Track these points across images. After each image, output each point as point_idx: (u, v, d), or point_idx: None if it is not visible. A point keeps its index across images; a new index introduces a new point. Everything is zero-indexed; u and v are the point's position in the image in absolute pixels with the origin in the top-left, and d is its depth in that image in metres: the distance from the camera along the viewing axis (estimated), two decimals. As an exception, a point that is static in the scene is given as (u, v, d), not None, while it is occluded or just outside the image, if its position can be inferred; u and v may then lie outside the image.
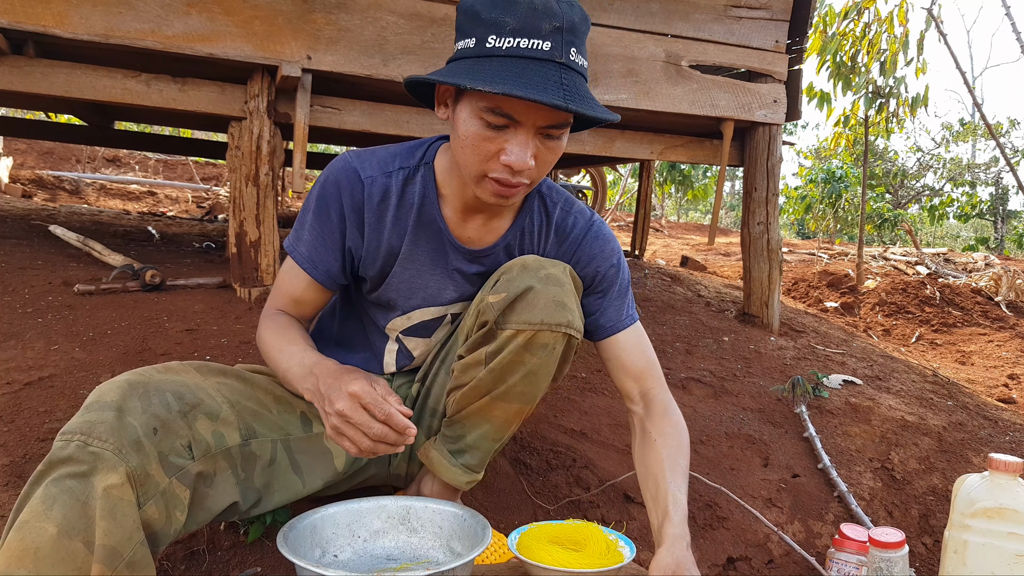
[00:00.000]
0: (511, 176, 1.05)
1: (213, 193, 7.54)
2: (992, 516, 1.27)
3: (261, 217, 2.27)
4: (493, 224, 1.23)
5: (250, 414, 1.12)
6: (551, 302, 1.09)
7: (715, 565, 1.63)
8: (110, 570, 0.86)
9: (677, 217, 14.53)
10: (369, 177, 1.17)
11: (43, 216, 3.91)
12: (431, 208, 1.20)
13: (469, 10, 1.03)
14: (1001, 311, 4.11)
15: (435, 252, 1.22)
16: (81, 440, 0.89)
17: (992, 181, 13.17)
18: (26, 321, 1.98)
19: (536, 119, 1.01)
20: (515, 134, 1.02)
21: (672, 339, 2.66)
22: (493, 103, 1.00)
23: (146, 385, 0.98)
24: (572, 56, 1.01)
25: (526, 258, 1.15)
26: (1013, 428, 2.36)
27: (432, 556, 1.20)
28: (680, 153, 2.84)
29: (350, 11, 2.24)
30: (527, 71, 0.97)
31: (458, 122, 1.05)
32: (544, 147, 1.05)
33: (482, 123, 1.02)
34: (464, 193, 1.17)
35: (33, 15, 1.98)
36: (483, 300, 1.15)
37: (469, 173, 1.08)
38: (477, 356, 1.14)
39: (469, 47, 1.02)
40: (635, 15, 2.57)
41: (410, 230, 1.20)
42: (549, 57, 0.99)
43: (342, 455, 1.24)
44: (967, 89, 4.40)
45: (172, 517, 0.95)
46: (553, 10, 0.99)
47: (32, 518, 0.85)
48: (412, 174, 1.20)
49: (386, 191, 1.18)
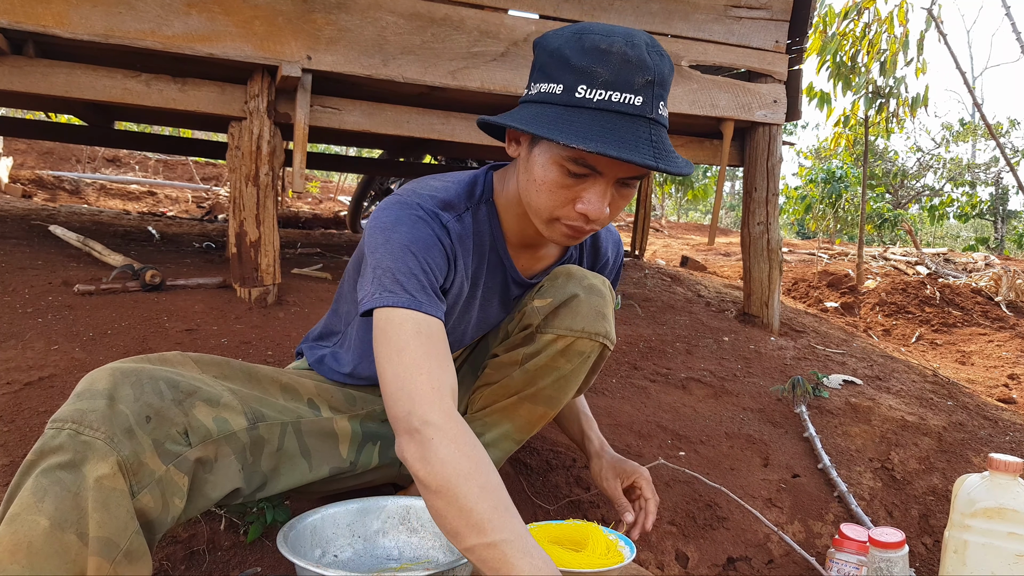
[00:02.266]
0: (585, 224, 1.03)
1: (213, 193, 7.54)
2: (992, 516, 1.27)
3: (261, 217, 2.27)
4: (541, 252, 1.26)
5: (255, 400, 1.10)
6: (593, 311, 1.13)
7: (715, 565, 1.63)
8: (108, 561, 0.86)
9: (677, 217, 14.53)
10: (448, 220, 1.13)
11: (43, 216, 3.91)
12: (499, 247, 1.20)
13: (556, 53, 0.99)
14: (1001, 311, 4.11)
15: (498, 285, 1.25)
16: (72, 429, 0.88)
17: (992, 181, 13.17)
18: (26, 321, 1.98)
19: (619, 172, 1.00)
20: (594, 184, 1.00)
21: (672, 339, 2.66)
22: (577, 154, 0.97)
23: (138, 373, 0.96)
24: (661, 110, 0.99)
25: (571, 267, 1.20)
26: (1013, 428, 2.35)
27: (432, 556, 1.20)
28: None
29: (350, 11, 2.24)
30: (618, 128, 0.95)
31: (534, 164, 1.02)
32: (619, 195, 1.04)
33: (562, 171, 1.00)
34: (524, 230, 1.17)
35: (33, 15, 1.98)
36: (528, 304, 1.19)
37: (540, 216, 1.06)
38: (514, 356, 1.17)
39: (555, 93, 0.98)
40: (635, 15, 2.57)
41: (483, 270, 1.20)
42: (640, 113, 0.96)
43: (347, 440, 1.24)
44: (967, 89, 4.40)
45: (170, 504, 0.94)
46: (646, 63, 0.96)
47: (23, 511, 0.84)
48: (476, 212, 1.17)
49: (462, 234, 1.15)
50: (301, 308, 2.35)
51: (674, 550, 1.62)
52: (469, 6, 2.36)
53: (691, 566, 1.61)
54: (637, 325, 2.77)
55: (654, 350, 2.53)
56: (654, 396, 2.18)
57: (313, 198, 9.11)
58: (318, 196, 9.40)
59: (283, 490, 1.14)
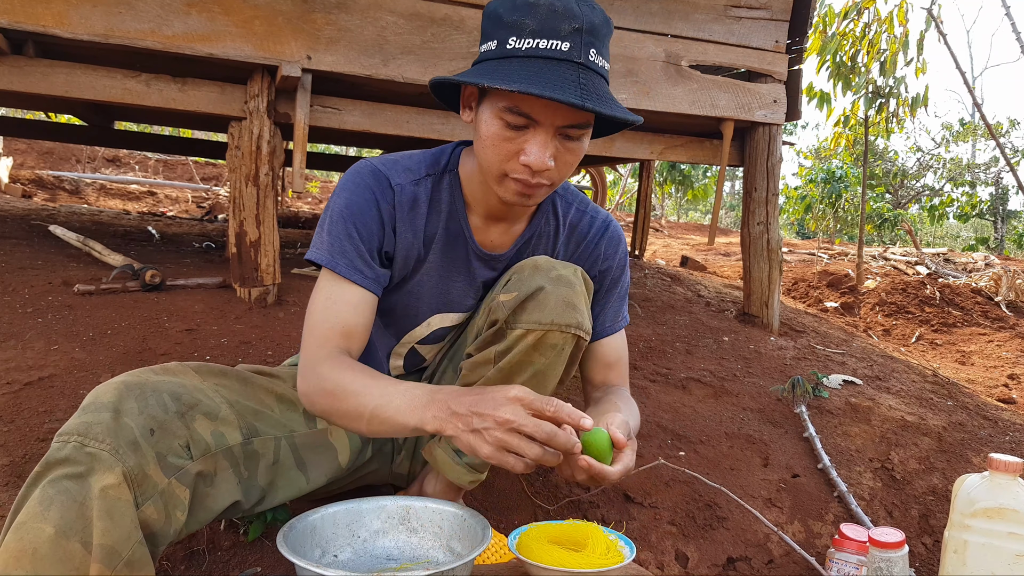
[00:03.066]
0: (531, 176, 1.06)
1: (213, 193, 7.54)
2: (992, 516, 1.27)
3: (261, 217, 2.27)
4: (512, 228, 1.25)
5: (251, 413, 1.12)
6: (561, 303, 1.09)
7: (715, 565, 1.63)
8: (109, 569, 0.86)
9: (677, 217, 14.54)
10: (399, 184, 1.17)
11: (43, 216, 3.91)
12: (458, 215, 1.21)
13: (492, 14, 1.05)
14: (1001, 311, 4.11)
15: (459, 259, 1.23)
16: (78, 441, 0.89)
17: (992, 181, 13.17)
18: (26, 321, 1.98)
19: (555, 119, 1.02)
20: (534, 134, 1.03)
21: (672, 339, 2.66)
22: (512, 102, 1.01)
23: (142, 386, 0.98)
24: (592, 57, 1.02)
25: (537, 259, 1.16)
26: (1013, 428, 2.36)
27: (432, 556, 1.20)
28: (680, 153, 2.84)
29: (350, 11, 2.24)
30: (544, 70, 0.99)
31: (480, 123, 1.08)
32: (564, 148, 1.06)
33: (502, 123, 1.04)
34: (488, 198, 1.18)
35: (33, 15, 1.98)
36: (494, 299, 1.16)
37: (490, 173, 1.09)
38: (486, 355, 1.15)
39: (491, 49, 1.04)
40: (635, 15, 2.57)
41: (438, 238, 1.21)
42: (567, 57, 1.00)
43: (346, 450, 1.24)
44: (967, 89, 4.40)
45: (172, 517, 0.95)
46: (573, 12, 1.00)
47: (29, 519, 0.85)
48: (438, 181, 1.21)
49: (415, 199, 1.18)
50: (301, 308, 2.35)
51: (674, 550, 1.62)
52: (469, 6, 2.36)
53: (691, 566, 1.61)
54: (637, 325, 2.77)
55: (654, 350, 2.53)
56: (654, 396, 2.18)
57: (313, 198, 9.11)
58: (318, 196, 9.40)
59: (282, 502, 1.16)
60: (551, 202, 1.27)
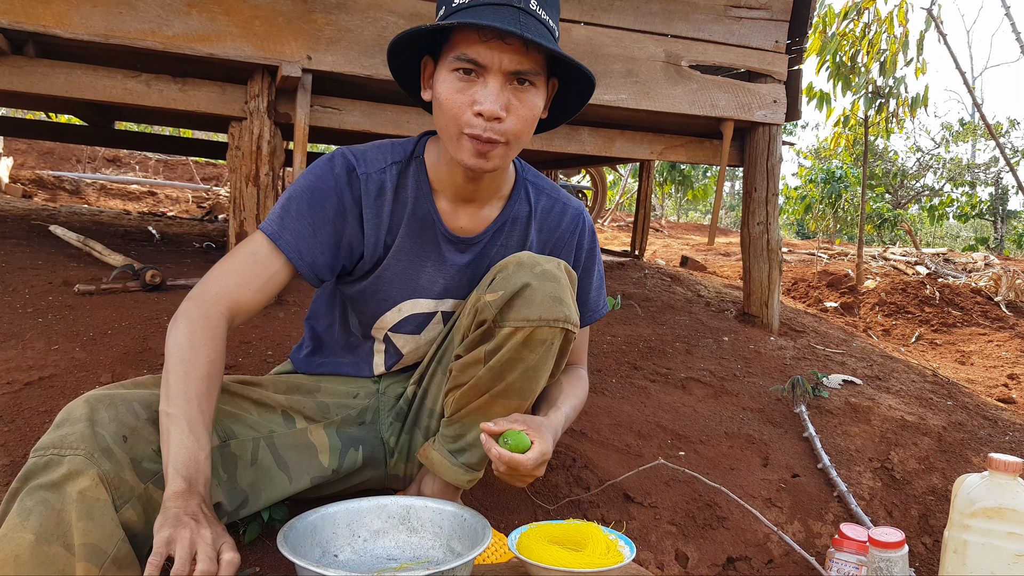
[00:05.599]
0: (483, 130, 1.08)
1: (213, 193, 7.54)
2: (992, 516, 1.28)
3: (261, 217, 2.27)
4: (483, 213, 1.26)
5: (226, 416, 1.13)
6: (548, 298, 1.09)
7: (715, 565, 1.63)
8: (96, 567, 0.87)
9: (677, 217, 14.53)
10: (364, 173, 1.20)
11: (43, 216, 3.91)
12: (425, 200, 1.23)
13: None
14: (1001, 311, 4.11)
15: (428, 243, 1.24)
16: (54, 453, 0.91)
17: (992, 181, 13.17)
18: (26, 321, 1.98)
19: (501, 62, 1.06)
20: (484, 82, 1.07)
21: (672, 339, 2.66)
22: (458, 51, 1.06)
23: (112, 398, 0.99)
24: (533, 6, 1.07)
25: (521, 255, 1.16)
26: (1013, 428, 2.36)
27: (432, 556, 1.20)
28: (680, 153, 2.84)
29: (350, 11, 2.24)
30: (485, 13, 1.05)
31: (436, 89, 1.11)
32: (516, 99, 1.09)
33: (454, 76, 1.08)
34: (454, 178, 1.20)
35: (33, 15, 1.99)
36: (480, 299, 1.15)
37: (449, 134, 1.11)
38: (476, 355, 1.14)
39: (440, 14, 1.12)
40: (635, 15, 2.57)
41: (404, 223, 1.22)
42: (507, 2, 1.05)
43: (326, 451, 1.25)
44: (967, 89, 4.40)
45: (152, 521, 0.95)
46: None
47: (10, 531, 0.86)
48: (404, 168, 1.23)
49: (381, 186, 1.21)
50: (301, 308, 2.35)
51: (674, 550, 1.62)
52: (469, 6, 2.36)
53: (691, 566, 1.61)
54: (637, 325, 2.77)
55: (654, 350, 2.53)
56: (654, 396, 2.18)
57: (313, 198, 9.08)
58: (318, 196, 9.37)
59: (267, 504, 1.17)
60: (523, 188, 1.29)
